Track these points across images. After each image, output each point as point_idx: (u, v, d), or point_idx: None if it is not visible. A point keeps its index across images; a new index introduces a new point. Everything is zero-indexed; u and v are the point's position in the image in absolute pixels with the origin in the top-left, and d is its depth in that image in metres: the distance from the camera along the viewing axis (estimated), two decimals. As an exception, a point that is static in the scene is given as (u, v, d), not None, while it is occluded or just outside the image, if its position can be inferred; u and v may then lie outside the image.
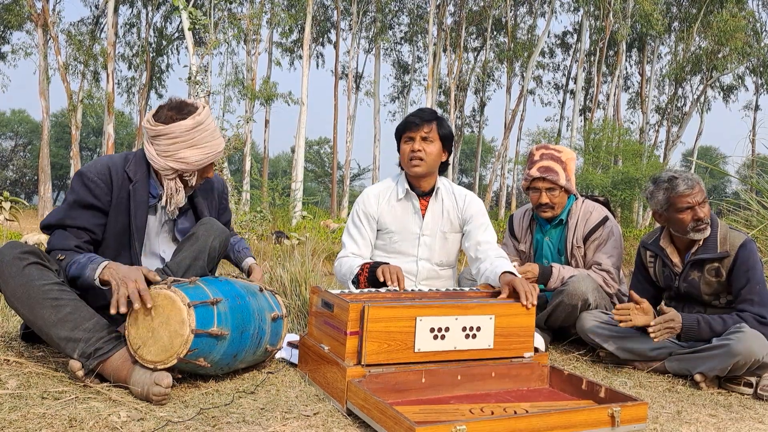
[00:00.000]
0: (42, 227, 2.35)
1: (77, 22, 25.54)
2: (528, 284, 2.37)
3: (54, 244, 2.28)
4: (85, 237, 2.30)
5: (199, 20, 12.14)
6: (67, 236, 2.27)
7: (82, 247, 2.28)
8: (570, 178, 3.22)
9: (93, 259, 2.17)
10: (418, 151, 2.88)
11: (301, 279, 3.60)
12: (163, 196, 2.39)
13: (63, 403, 1.91)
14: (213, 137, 2.37)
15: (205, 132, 2.33)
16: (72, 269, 2.18)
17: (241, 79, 25.29)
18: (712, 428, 2.13)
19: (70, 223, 2.29)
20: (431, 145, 2.90)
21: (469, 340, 2.22)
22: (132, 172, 2.36)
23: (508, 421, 1.79)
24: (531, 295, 2.33)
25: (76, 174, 2.33)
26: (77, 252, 2.25)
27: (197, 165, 2.35)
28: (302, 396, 2.18)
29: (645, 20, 23.31)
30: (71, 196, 2.31)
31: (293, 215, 16.18)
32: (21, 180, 39.42)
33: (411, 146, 2.90)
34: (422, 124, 2.89)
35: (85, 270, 2.14)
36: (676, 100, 29.25)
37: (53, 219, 2.31)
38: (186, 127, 2.29)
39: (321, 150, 47.47)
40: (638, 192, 18.38)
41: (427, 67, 25.07)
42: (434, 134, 2.90)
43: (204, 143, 2.33)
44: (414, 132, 2.90)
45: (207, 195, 2.60)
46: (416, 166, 2.91)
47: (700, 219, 2.72)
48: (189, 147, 2.31)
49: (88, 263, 2.15)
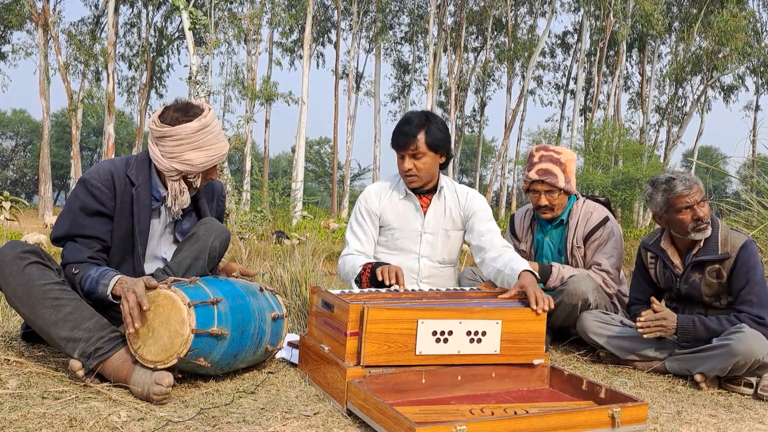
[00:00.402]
0: (53, 240, 2.33)
1: (78, 22, 25.59)
2: (542, 292, 2.32)
3: (68, 257, 2.27)
4: (97, 246, 2.29)
5: (199, 20, 12.14)
6: (79, 248, 2.27)
7: (95, 257, 2.28)
8: (569, 180, 3.21)
9: (104, 274, 2.17)
10: (409, 170, 2.88)
11: (302, 279, 3.60)
12: (168, 198, 2.39)
13: (63, 402, 1.91)
14: (218, 139, 2.36)
15: (211, 134, 2.32)
16: (86, 285, 2.19)
17: (241, 78, 25.32)
18: (712, 428, 2.13)
19: (80, 233, 2.28)
20: (421, 160, 2.87)
21: (474, 344, 2.20)
22: (134, 176, 2.35)
23: (509, 422, 1.79)
24: (542, 301, 2.27)
25: (79, 181, 2.32)
26: (90, 264, 2.25)
27: (202, 167, 2.34)
28: (302, 396, 2.18)
29: (645, 20, 23.32)
30: (76, 204, 2.29)
31: (293, 215, 16.19)
32: (21, 180, 39.44)
33: (402, 164, 2.90)
34: (408, 141, 2.84)
35: (98, 286, 2.15)
36: (676, 100, 29.27)
37: (62, 231, 2.30)
38: (192, 129, 2.28)
39: (321, 150, 47.51)
40: (639, 192, 18.39)
41: (428, 67, 25.08)
42: (423, 147, 2.85)
43: (209, 145, 2.33)
44: (402, 151, 2.89)
45: (209, 196, 2.60)
46: (412, 182, 2.94)
47: (700, 218, 2.72)
48: (194, 149, 2.30)
49: (100, 279, 2.16)
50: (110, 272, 2.18)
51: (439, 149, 2.90)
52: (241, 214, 10.14)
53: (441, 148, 2.90)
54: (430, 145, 2.86)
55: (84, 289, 2.19)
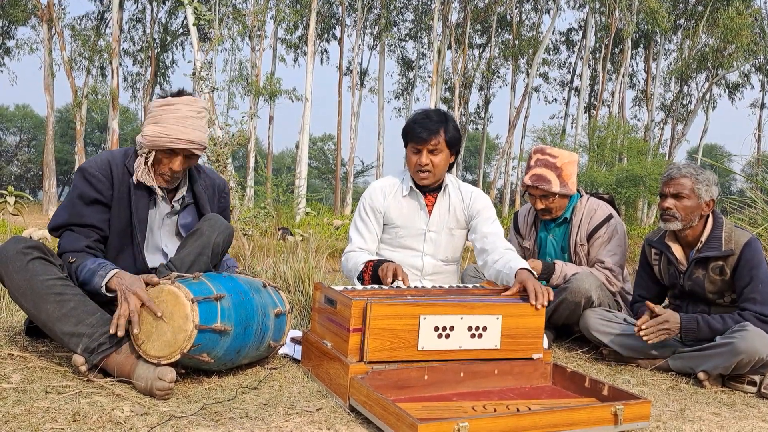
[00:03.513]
0: (50, 230, 2.34)
1: (82, 17, 25.60)
2: (541, 286, 2.33)
3: (64, 246, 2.28)
4: (94, 236, 2.30)
5: (204, 16, 12.13)
6: (76, 237, 2.28)
7: (92, 246, 2.28)
8: (566, 184, 3.19)
9: (102, 265, 2.17)
10: (425, 165, 2.86)
11: (305, 275, 3.60)
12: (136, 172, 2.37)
13: (67, 397, 1.92)
14: (180, 123, 2.32)
15: (170, 114, 2.32)
16: (82, 274, 2.19)
17: (245, 75, 25.30)
18: (715, 426, 2.12)
19: (77, 222, 2.29)
20: (438, 156, 2.87)
21: (474, 339, 2.21)
22: (132, 166, 2.36)
23: (511, 419, 1.79)
24: (542, 296, 2.28)
25: (78, 170, 2.34)
26: (87, 253, 2.25)
27: (151, 142, 2.32)
28: (305, 392, 2.18)
29: (651, 17, 23.22)
30: (74, 192, 2.32)
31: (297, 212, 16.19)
32: (26, 175, 39.52)
33: (418, 159, 2.87)
34: (429, 137, 2.82)
35: (94, 278, 2.15)
36: (681, 98, 29.15)
37: (60, 220, 2.31)
38: (157, 104, 2.35)
39: (325, 147, 47.48)
40: (643, 190, 18.32)
41: (432, 64, 25.03)
42: (442, 144, 2.85)
43: (166, 123, 2.32)
44: (421, 145, 2.85)
45: (208, 190, 2.60)
46: (425, 178, 2.90)
47: (665, 209, 2.79)
48: (152, 123, 2.33)
49: (97, 270, 2.16)
50: (108, 265, 2.18)
51: (453, 147, 2.91)
52: (245, 210, 10.15)
53: (455, 147, 2.92)
54: (449, 142, 2.87)
55: (79, 279, 2.19)
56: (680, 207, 2.76)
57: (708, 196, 2.77)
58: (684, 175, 2.77)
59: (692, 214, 2.77)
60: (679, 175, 2.78)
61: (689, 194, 2.75)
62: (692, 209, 2.76)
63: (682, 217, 2.77)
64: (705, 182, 2.76)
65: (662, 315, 2.68)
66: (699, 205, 2.76)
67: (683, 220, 2.77)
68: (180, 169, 2.38)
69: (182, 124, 2.33)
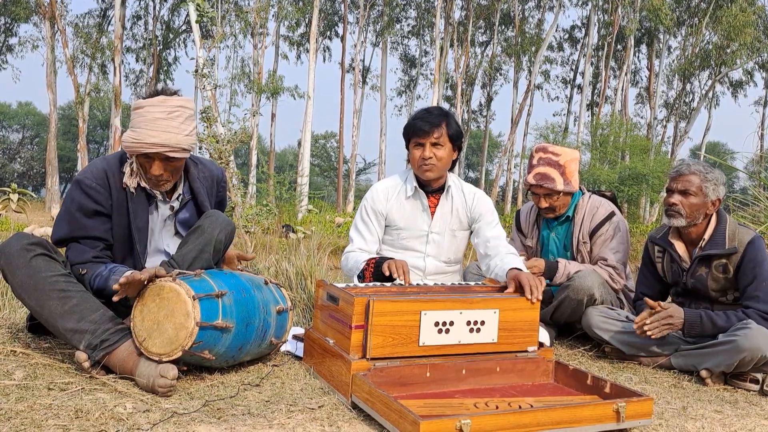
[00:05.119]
0: (54, 242, 2.33)
1: (84, 15, 25.62)
2: (534, 279, 2.37)
3: (72, 258, 2.28)
4: (100, 245, 2.29)
5: (206, 13, 12.13)
6: (82, 249, 2.27)
7: (99, 256, 2.28)
8: (569, 181, 3.19)
9: (114, 270, 2.18)
10: (429, 158, 2.85)
11: (307, 272, 3.61)
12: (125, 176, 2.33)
13: (69, 394, 1.92)
14: (148, 126, 2.21)
15: (141, 118, 2.24)
16: (96, 282, 2.19)
17: (247, 72, 25.31)
18: (717, 424, 2.12)
19: (81, 234, 2.27)
20: (442, 149, 2.86)
21: (473, 334, 2.22)
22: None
23: (513, 416, 1.79)
24: (536, 290, 2.32)
25: (74, 182, 2.30)
26: (96, 263, 2.25)
27: (127, 148, 2.26)
28: (307, 389, 2.18)
29: (654, 15, 23.16)
30: (73, 206, 2.27)
31: (299, 209, 16.21)
32: (28, 173, 39.58)
33: (421, 152, 2.86)
34: (431, 129, 2.83)
35: (109, 283, 2.15)
36: (684, 96, 29.09)
37: (63, 233, 2.29)
38: (132, 106, 2.30)
39: (327, 144, 47.48)
40: (645, 188, 18.30)
41: (434, 62, 25.02)
42: (444, 137, 2.85)
43: (137, 127, 2.24)
44: (424, 138, 2.85)
45: (206, 182, 2.56)
46: (428, 171, 2.89)
47: (670, 205, 2.79)
48: (130, 128, 2.27)
49: (110, 275, 2.16)
50: (121, 268, 2.19)
51: (455, 142, 2.92)
52: (247, 207, 10.15)
53: (457, 142, 2.93)
54: (451, 136, 2.88)
55: (93, 288, 2.19)
56: (686, 204, 2.75)
57: (715, 195, 2.76)
58: (693, 172, 2.76)
59: (697, 212, 2.76)
60: (688, 172, 2.77)
61: (696, 192, 2.74)
62: (698, 207, 2.75)
63: (686, 214, 2.76)
64: (713, 181, 2.75)
65: (666, 309, 2.67)
66: (705, 203, 2.76)
67: (688, 217, 2.76)
68: (162, 173, 2.29)
69: (150, 127, 2.21)
